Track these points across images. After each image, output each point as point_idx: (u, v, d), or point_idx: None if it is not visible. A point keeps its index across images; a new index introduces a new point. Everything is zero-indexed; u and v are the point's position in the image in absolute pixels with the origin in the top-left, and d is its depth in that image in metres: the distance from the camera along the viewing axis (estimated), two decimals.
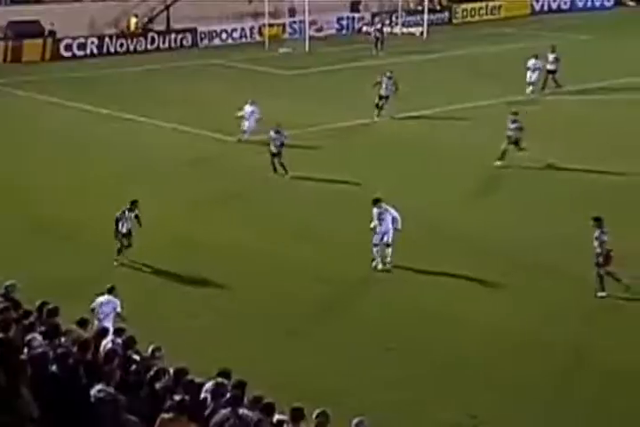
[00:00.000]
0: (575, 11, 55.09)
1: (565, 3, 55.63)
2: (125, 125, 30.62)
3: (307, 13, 44.69)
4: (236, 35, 46.40)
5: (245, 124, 27.43)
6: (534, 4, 54.83)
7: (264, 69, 39.88)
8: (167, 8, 45.40)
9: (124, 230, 19.31)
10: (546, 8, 55.08)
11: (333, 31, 48.58)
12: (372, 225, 18.84)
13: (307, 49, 44.12)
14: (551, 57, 33.99)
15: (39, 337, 11.26)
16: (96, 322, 15.08)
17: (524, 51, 41.94)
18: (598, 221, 17.55)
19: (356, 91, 35.07)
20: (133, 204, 19.51)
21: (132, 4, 45.05)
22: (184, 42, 45.01)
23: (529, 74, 33.65)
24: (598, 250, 17.41)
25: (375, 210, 18.82)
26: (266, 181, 24.65)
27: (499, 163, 25.15)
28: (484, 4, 53.08)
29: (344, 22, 49.20)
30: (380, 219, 18.69)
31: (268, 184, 24.50)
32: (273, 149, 24.78)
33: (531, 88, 33.75)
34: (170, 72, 39.58)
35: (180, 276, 18.78)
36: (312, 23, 46.44)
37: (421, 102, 32.01)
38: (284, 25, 47.40)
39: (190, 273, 18.89)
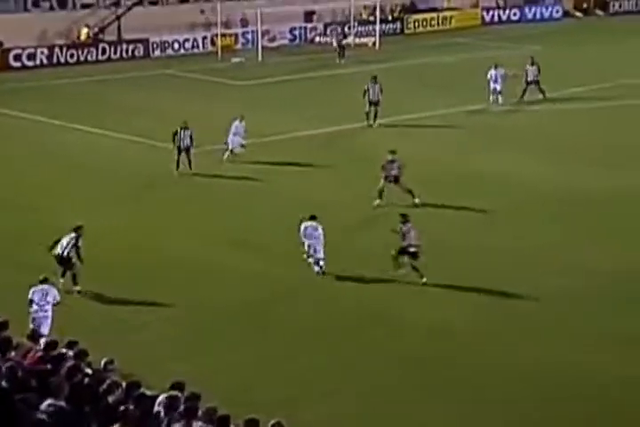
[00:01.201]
0: (525, 22, 55.87)
1: (515, 14, 56.36)
2: (76, 136, 30.36)
3: (259, 23, 44.74)
4: (188, 45, 46.25)
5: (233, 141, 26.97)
6: (484, 15, 55.48)
7: (217, 80, 39.83)
8: (118, 18, 45.15)
9: (64, 255, 17.94)
10: (496, 19, 55.75)
11: (286, 41, 48.66)
12: (306, 242, 19.19)
13: (259, 59, 44.16)
14: (532, 68, 34.33)
15: None
16: (33, 310, 15.49)
17: (477, 61, 42.48)
18: (404, 216, 19.20)
19: (310, 101, 35.26)
20: (77, 230, 18.02)
21: (83, 14, 44.73)
22: (136, 52, 44.77)
23: (492, 84, 33.88)
24: (405, 243, 18.75)
25: (309, 224, 19.31)
26: (212, 191, 24.71)
27: (377, 202, 23.07)
28: (435, 15, 53.58)
29: (297, 32, 49.31)
30: (309, 234, 19.20)
31: (215, 194, 24.53)
32: (181, 145, 25.46)
33: (492, 97, 34.00)
34: (122, 82, 39.34)
35: (127, 287, 18.64)
36: (265, 33, 46.51)
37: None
38: (236, 35, 47.38)
39: (137, 284, 18.80)
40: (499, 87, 33.96)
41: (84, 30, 44.31)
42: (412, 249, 18.75)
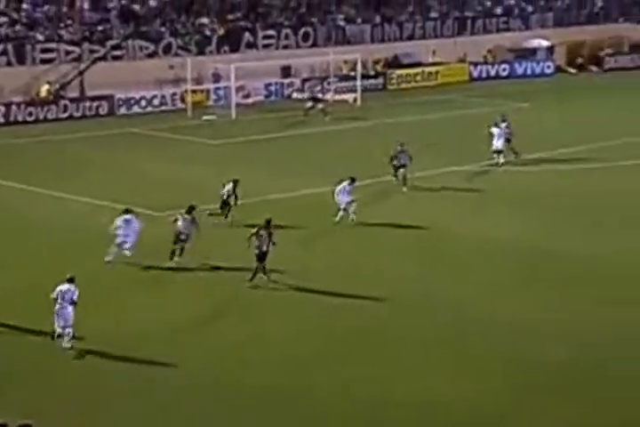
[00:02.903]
0: (515, 77, 56.54)
1: (504, 69, 57.05)
2: (29, 199, 30.01)
3: (233, 79, 44.96)
4: (156, 102, 46.33)
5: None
6: (472, 70, 56.13)
7: (187, 138, 39.77)
8: (81, 73, 45.26)
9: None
10: (484, 74, 56.35)
11: (261, 98, 48.91)
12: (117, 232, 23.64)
13: (233, 116, 44.25)
14: (503, 125, 34.54)
15: None
16: (57, 307, 18.47)
17: (464, 118, 42.85)
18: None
19: (287, 161, 35.15)
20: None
21: (43, 69, 44.80)
22: (100, 110, 44.76)
23: (494, 142, 33.93)
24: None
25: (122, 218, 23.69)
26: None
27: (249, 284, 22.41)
28: (420, 70, 54.12)
29: (273, 88, 49.62)
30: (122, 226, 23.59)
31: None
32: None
33: (500, 156, 34.04)
34: (84, 142, 39.12)
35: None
36: (238, 89, 46.72)
37: (357, 173, 31.93)
38: (208, 91, 47.60)
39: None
40: (500, 146, 34.07)
41: (45, 87, 44.29)
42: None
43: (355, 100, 48.04)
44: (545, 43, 58.75)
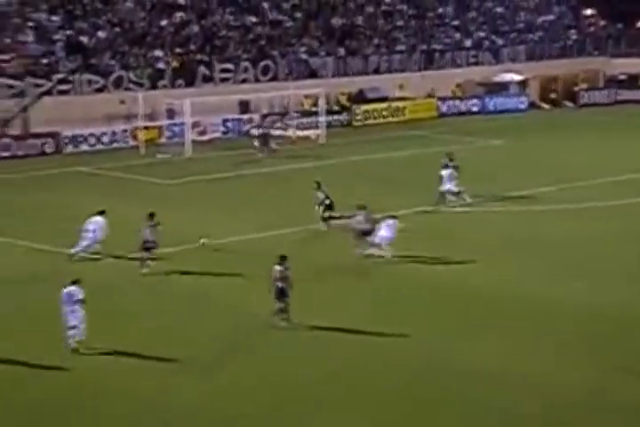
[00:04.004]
0: (486, 113, 56.60)
1: (475, 105, 57.15)
2: None
3: (188, 114, 44.53)
4: (105, 139, 45.77)
5: None
6: (441, 105, 56.12)
7: (139, 178, 39.18)
8: (25, 109, 44.67)
9: None
10: (454, 110, 56.36)
11: (219, 134, 48.52)
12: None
13: (188, 154, 43.75)
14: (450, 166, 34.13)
15: None
16: (66, 311, 20.31)
17: (432, 156, 42.55)
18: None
19: (244, 202, 34.68)
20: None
21: None
22: (45, 148, 44.14)
23: (449, 183, 33.54)
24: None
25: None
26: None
27: None
28: (386, 105, 54.00)
29: (230, 124, 49.25)
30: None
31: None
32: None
33: (466, 195, 33.78)
34: (27, 182, 38.46)
35: None
36: (194, 125, 46.30)
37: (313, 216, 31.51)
38: (161, 128, 47.11)
39: None
40: (454, 188, 33.63)
41: None
42: None
43: (318, 136, 47.74)
44: (517, 77, 59.01)
